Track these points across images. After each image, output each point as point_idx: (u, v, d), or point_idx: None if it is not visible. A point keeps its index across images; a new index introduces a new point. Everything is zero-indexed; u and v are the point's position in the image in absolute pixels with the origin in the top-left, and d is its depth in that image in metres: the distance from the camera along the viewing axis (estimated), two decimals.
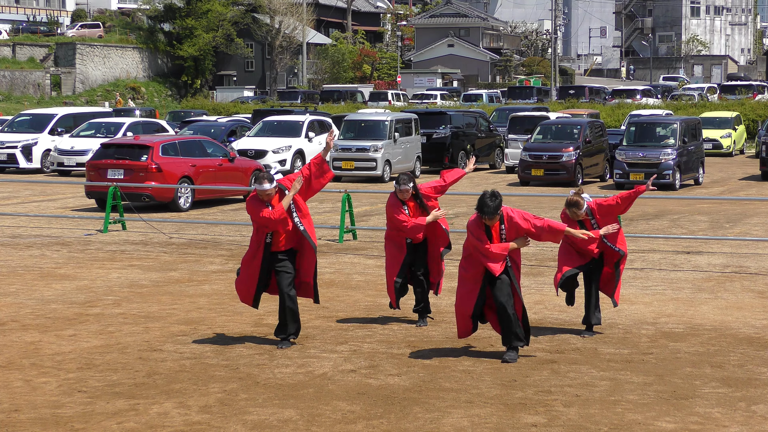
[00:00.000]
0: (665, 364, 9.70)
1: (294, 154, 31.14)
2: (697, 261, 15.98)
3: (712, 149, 39.32)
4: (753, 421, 8.05)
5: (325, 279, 14.36)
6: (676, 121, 29.04)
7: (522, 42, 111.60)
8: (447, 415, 8.17)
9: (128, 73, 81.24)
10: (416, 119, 32.83)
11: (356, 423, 7.99)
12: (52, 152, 32.39)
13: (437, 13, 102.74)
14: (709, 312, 12.12)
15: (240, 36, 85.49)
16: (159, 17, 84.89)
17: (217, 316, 11.91)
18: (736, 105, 49.96)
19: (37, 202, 24.78)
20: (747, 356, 10.02)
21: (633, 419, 8.06)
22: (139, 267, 15.46)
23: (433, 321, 11.61)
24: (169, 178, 22.20)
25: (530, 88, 66.57)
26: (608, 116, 47.42)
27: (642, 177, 27.38)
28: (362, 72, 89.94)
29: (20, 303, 12.70)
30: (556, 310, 12.21)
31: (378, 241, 18.24)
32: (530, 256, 16.39)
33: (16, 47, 77.66)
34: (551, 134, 30.48)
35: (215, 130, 33.52)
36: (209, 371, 9.48)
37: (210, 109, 55.24)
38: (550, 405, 8.42)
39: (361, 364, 9.69)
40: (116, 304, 12.65)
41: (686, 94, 60.31)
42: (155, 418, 8.13)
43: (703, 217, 21.40)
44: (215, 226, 20.34)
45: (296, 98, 64.54)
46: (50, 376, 9.32)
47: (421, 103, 62.58)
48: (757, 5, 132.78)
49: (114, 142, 24.02)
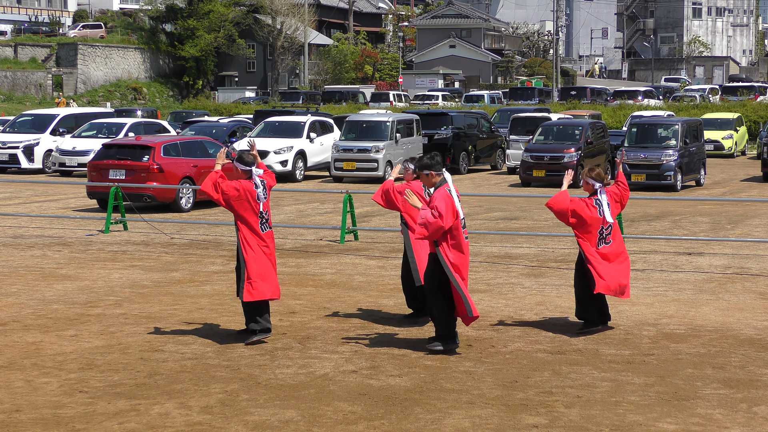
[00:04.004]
0: (666, 365, 9.70)
1: (295, 155, 31.13)
2: (698, 262, 15.98)
3: (714, 150, 39.32)
4: (754, 422, 8.04)
5: (326, 280, 14.37)
6: (678, 122, 29.03)
7: (524, 43, 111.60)
8: (448, 415, 8.17)
9: (130, 73, 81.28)
10: (418, 120, 32.84)
11: (357, 424, 7.98)
12: (54, 152, 32.42)
13: (439, 14, 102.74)
14: (711, 313, 12.11)
15: (242, 37, 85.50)
16: (161, 18, 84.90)
17: (218, 316, 11.92)
18: (737, 106, 49.97)
19: (38, 203, 24.80)
20: (748, 357, 10.01)
21: (634, 420, 8.05)
22: (140, 267, 15.47)
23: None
24: (170, 178, 22.22)
25: (532, 89, 66.55)
26: (610, 117, 47.45)
27: (643, 178, 27.40)
28: (364, 73, 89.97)
29: (22, 303, 12.70)
30: (557, 311, 12.21)
31: (378, 241, 18.24)
32: (532, 257, 16.40)
33: (18, 47, 77.71)
34: (553, 135, 30.48)
35: (217, 131, 33.55)
36: (210, 372, 9.48)
37: (211, 110, 55.28)
38: (552, 406, 8.42)
39: (362, 365, 9.69)
40: (117, 304, 12.66)
41: (688, 95, 60.33)
42: (156, 418, 8.13)
43: (705, 218, 21.40)
44: (216, 226, 20.34)
45: (298, 99, 64.56)
46: (51, 377, 9.32)
47: (422, 103, 62.62)
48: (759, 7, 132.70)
49: (115, 143, 24.04)
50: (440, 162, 10.29)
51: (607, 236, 11.03)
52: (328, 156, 31.92)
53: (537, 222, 20.73)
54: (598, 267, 10.90)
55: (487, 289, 13.56)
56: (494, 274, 14.74)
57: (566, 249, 17.18)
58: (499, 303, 12.59)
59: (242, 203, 10.52)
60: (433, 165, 10.18)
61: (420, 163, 10.27)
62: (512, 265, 15.69)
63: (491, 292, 13.41)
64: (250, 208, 10.53)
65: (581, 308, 11.14)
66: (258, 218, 10.55)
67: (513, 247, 17.50)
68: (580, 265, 11.09)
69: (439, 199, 9.96)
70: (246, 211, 10.53)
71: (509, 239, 18.39)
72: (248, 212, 10.54)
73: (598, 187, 11.13)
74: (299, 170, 31.33)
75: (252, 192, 10.53)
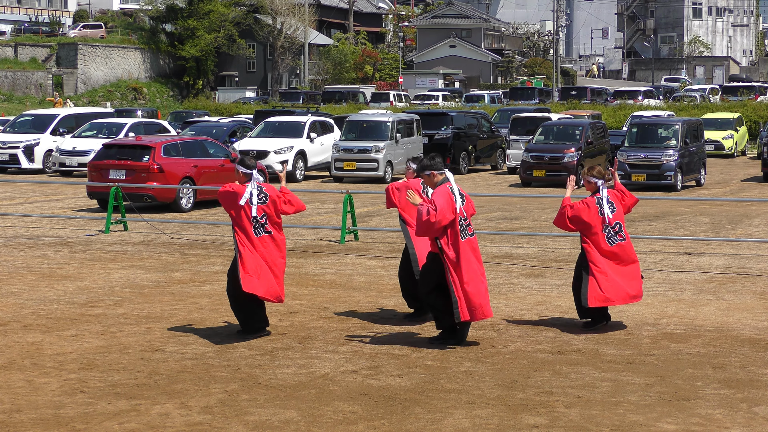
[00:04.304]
0: (667, 366, 9.70)
1: (296, 155, 31.14)
2: (698, 262, 15.98)
3: (714, 150, 39.32)
4: (755, 422, 8.04)
5: (326, 280, 14.37)
6: (678, 122, 29.03)
7: (524, 43, 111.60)
8: (448, 416, 8.17)
9: (130, 73, 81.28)
10: (418, 120, 32.84)
11: (357, 424, 7.98)
12: (54, 153, 32.43)
13: (439, 14, 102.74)
14: (711, 313, 12.11)
15: (242, 37, 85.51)
16: (161, 18, 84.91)
17: (218, 316, 11.92)
18: (737, 106, 49.98)
19: (38, 203, 24.80)
20: (749, 357, 10.01)
21: (634, 420, 8.05)
22: (140, 267, 15.47)
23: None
24: (170, 178, 22.21)
25: (532, 89, 66.56)
26: (610, 117, 47.46)
27: (644, 178, 27.40)
28: (364, 73, 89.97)
29: (22, 303, 12.70)
30: (558, 311, 12.21)
31: (379, 241, 18.24)
32: (532, 257, 16.40)
33: (18, 48, 77.72)
34: (553, 135, 30.49)
35: (217, 131, 33.57)
36: (211, 372, 9.48)
37: (212, 110, 55.31)
38: (552, 406, 8.42)
39: (362, 365, 9.69)
40: (118, 304, 12.66)
41: (688, 95, 60.33)
42: (156, 418, 8.13)
43: (705, 218, 21.40)
44: (217, 226, 20.34)
45: (298, 99, 64.58)
46: (52, 377, 9.32)
47: (422, 103, 62.63)
48: (759, 7, 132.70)
49: (116, 143, 24.04)
50: (441, 162, 10.45)
51: (618, 233, 11.06)
52: (328, 156, 31.92)
53: (537, 222, 20.73)
54: (599, 277, 10.91)
55: (488, 289, 13.53)
56: (494, 274, 14.74)
57: (566, 249, 17.18)
58: (499, 303, 12.59)
59: (233, 206, 10.62)
60: (433, 165, 10.36)
61: (421, 164, 10.46)
62: (512, 265, 15.70)
63: (491, 292, 13.37)
64: (242, 212, 10.58)
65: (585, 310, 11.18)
66: (251, 223, 10.59)
67: (513, 247, 17.50)
68: (579, 272, 11.12)
69: (438, 195, 10.14)
70: (238, 215, 10.62)
71: (509, 239, 18.39)
72: (240, 216, 10.61)
73: (600, 184, 11.16)
74: (299, 170, 31.34)
75: (239, 195, 10.57)
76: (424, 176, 10.41)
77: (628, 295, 11.09)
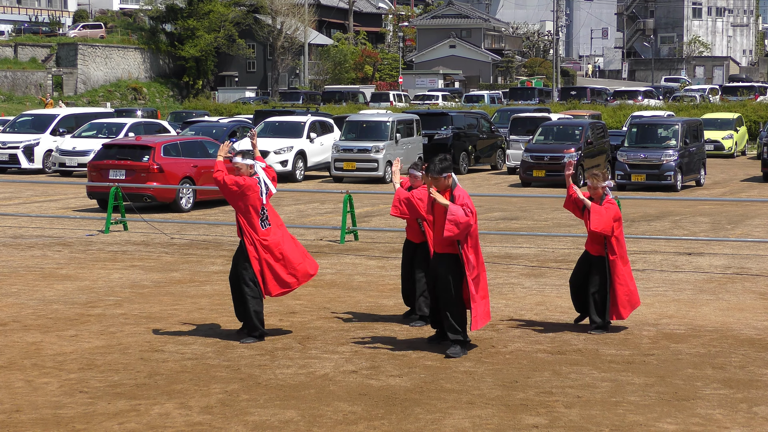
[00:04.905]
0: (666, 366, 9.70)
1: (296, 155, 31.13)
2: (698, 262, 15.98)
3: (714, 150, 39.31)
4: (754, 422, 8.04)
5: (326, 280, 14.37)
6: (678, 122, 29.03)
7: (524, 43, 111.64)
8: (448, 416, 8.17)
9: (130, 73, 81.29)
10: (418, 120, 32.84)
11: (357, 424, 7.99)
12: (54, 153, 32.42)
13: (439, 14, 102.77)
14: (711, 313, 12.11)
15: (242, 37, 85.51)
16: (161, 18, 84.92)
17: (218, 316, 11.92)
18: (737, 106, 49.96)
19: (38, 203, 24.80)
20: (748, 357, 10.02)
21: (634, 420, 8.05)
22: (140, 267, 15.47)
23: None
24: (170, 178, 22.21)
25: (532, 89, 66.57)
26: (610, 117, 47.44)
27: (643, 178, 27.40)
28: (364, 73, 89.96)
29: (22, 303, 12.70)
30: (558, 311, 12.22)
31: (378, 241, 18.24)
32: (532, 257, 16.40)
33: (18, 48, 77.71)
34: (553, 135, 30.48)
35: (217, 131, 33.54)
36: (210, 372, 9.48)
37: (212, 110, 55.28)
38: (552, 406, 8.42)
39: (362, 365, 9.69)
40: (118, 304, 12.66)
41: (688, 95, 60.33)
42: (156, 418, 8.13)
43: (705, 218, 21.40)
44: (217, 226, 20.34)
45: (298, 99, 64.56)
46: (51, 377, 9.32)
47: (422, 103, 62.62)
48: (759, 7, 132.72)
49: (116, 143, 24.04)
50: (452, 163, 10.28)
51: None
52: (328, 156, 31.92)
53: (537, 222, 20.73)
54: (620, 291, 10.95)
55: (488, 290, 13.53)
56: (494, 274, 14.74)
57: (566, 249, 17.19)
58: (499, 303, 12.59)
59: (245, 198, 10.57)
60: (450, 166, 10.03)
61: (441, 166, 9.92)
62: (512, 265, 15.70)
63: (491, 292, 13.37)
64: (252, 204, 10.57)
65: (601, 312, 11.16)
66: (258, 216, 10.58)
67: (513, 247, 17.50)
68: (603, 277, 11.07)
69: (465, 197, 9.84)
70: (249, 207, 10.57)
71: (509, 239, 18.39)
72: (250, 208, 10.57)
73: (606, 183, 11.17)
74: (299, 170, 31.34)
75: (255, 188, 10.58)
76: (441, 179, 9.93)
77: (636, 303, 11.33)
